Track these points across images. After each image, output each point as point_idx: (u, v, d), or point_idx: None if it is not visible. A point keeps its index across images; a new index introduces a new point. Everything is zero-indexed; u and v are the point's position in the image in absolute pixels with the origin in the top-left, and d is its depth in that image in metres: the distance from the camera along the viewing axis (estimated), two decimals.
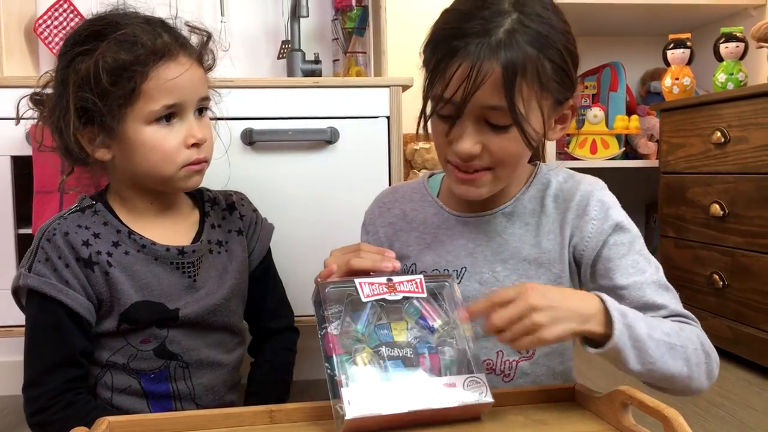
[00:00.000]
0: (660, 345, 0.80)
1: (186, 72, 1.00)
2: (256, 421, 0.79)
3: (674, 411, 0.69)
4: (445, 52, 0.84)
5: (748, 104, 1.87)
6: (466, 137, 0.86)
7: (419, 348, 0.79)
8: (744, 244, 1.90)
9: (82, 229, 1.01)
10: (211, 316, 1.07)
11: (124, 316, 1.01)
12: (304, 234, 1.57)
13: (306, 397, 0.90)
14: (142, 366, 1.03)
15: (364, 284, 0.80)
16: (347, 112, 1.60)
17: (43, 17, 1.91)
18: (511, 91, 0.81)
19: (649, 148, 2.49)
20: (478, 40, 0.82)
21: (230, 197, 1.18)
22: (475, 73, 0.81)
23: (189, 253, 1.06)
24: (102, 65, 0.94)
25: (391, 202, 1.08)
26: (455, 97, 0.83)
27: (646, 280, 0.90)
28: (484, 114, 0.85)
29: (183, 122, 1.01)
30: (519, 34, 0.82)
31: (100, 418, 0.75)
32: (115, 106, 0.96)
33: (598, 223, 0.93)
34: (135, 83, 0.96)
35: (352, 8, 1.97)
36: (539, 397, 0.85)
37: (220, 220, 1.14)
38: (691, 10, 2.40)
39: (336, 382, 0.73)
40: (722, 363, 1.91)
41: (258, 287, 1.18)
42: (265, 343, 1.20)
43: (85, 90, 0.95)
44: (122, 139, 0.99)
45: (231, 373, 1.12)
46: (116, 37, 0.96)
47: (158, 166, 1.00)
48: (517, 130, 0.84)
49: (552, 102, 0.88)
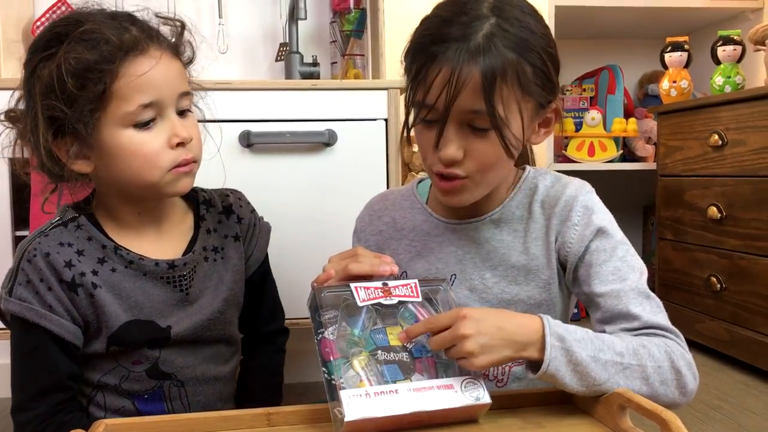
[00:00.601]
0: (608, 366, 0.79)
1: (158, 64, 0.90)
2: (254, 424, 0.79)
3: (672, 414, 0.69)
4: (425, 59, 0.85)
5: (746, 107, 1.88)
6: (449, 143, 0.86)
7: (415, 352, 0.79)
8: (742, 246, 1.90)
9: (65, 248, 0.94)
10: (205, 332, 1.02)
11: (113, 338, 0.95)
12: (301, 236, 1.57)
13: (304, 400, 0.90)
14: (134, 387, 0.98)
15: (360, 289, 0.80)
16: (345, 115, 1.60)
17: (40, 19, 1.91)
18: (490, 95, 0.82)
19: (646, 151, 2.49)
20: (457, 45, 0.82)
21: (227, 198, 1.10)
22: (456, 78, 0.81)
23: (180, 266, 0.99)
24: (65, 68, 0.86)
25: (382, 209, 1.08)
26: (437, 103, 0.84)
27: (624, 287, 0.88)
28: (466, 118, 0.85)
29: (164, 121, 0.92)
30: (498, 38, 0.83)
31: (97, 421, 0.74)
32: (86, 112, 0.87)
33: (580, 229, 0.92)
34: (104, 84, 0.87)
35: (350, 11, 1.97)
36: (536, 399, 0.85)
37: (216, 224, 1.07)
38: (688, 13, 2.40)
39: (334, 385, 0.74)
40: (719, 366, 1.93)
41: (254, 292, 1.13)
42: (257, 345, 1.16)
43: (51, 97, 0.87)
44: (100, 147, 0.90)
45: (227, 384, 1.08)
46: (77, 35, 0.87)
47: (142, 172, 0.91)
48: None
49: (534, 105, 0.88)
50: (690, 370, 0.84)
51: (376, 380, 0.75)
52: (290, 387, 1.63)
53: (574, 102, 2.55)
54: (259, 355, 1.16)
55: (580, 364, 0.78)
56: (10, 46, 1.81)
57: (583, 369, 0.78)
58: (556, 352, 0.77)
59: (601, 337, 0.82)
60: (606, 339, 0.82)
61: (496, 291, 0.96)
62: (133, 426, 0.77)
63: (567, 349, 0.78)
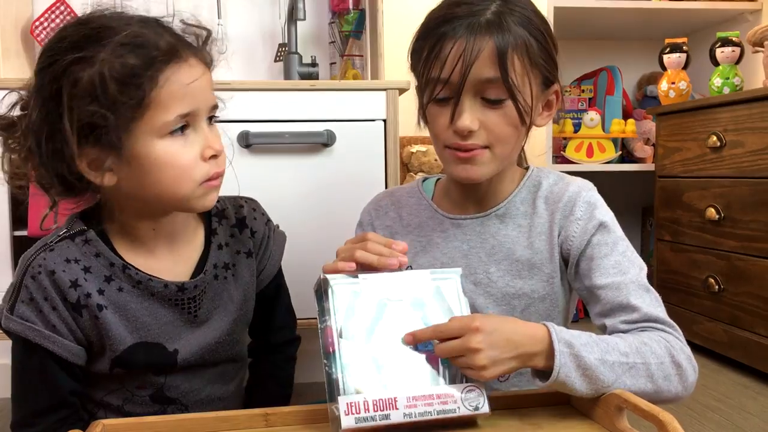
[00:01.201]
0: (615, 367, 0.80)
1: (195, 72, 0.87)
2: (251, 425, 0.79)
3: (669, 415, 0.69)
4: (437, 38, 0.89)
5: (744, 108, 1.88)
6: (464, 114, 0.89)
7: (420, 347, 0.78)
8: (739, 248, 1.90)
9: (71, 265, 0.89)
10: (212, 355, 0.99)
11: (118, 360, 0.92)
12: (300, 237, 1.56)
13: (302, 401, 0.90)
14: (137, 410, 0.96)
15: (368, 279, 0.80)
16: (344, 115, 1.60)
17: (39, 19, 1.91)
18: (504, 62, 0.87)
19: (645, 152, 2.49)
20: (468, 20, 0.88)
21: (241, 209, 1.05)
22: (471, 47, 0.86)
23: (190, 289, 0.95)
24: (109, 73, 0.81)
25: (388, 205, 1.10)
26: (452, 76, 0.88)
27: (624, 280, 0.90)
28: (480, 90, 0.89)
29: (197, 133, 0.88)
30: (506, 14, 0.89)
31: (95, 422, 0.74)
32: (125, 120, 0.82)
33: (582, 223, 0.95)
34: (144, 91, 0.82)
35: (349, 11, 1.97)
36: (534, 400, 0.85)
37: (228, 237, 1.02)
38: (687, 15, 2.41)
39: (334, 381, 0.73)
40: (717, 367, 1.93)
41: (266, 305, 1.09)
42: (268, 355, 1.12)
43: (89, 103, 0.81)
44: (131, 158, 0.85)
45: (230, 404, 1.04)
46: (119, 40, 0.82)
47: (174, 185, 0.87)
48: (512, 104, 0.89)
49: (540, 81, 0.93)
50: (690, 363, 0.85)
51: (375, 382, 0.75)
52: None
53: (573, 103, 2.56)
54: (269, 365, 1.12)
55: (589, 368, 0.78)
56: (9, 45, 1.81)
57: (591, 372, 0.78)
58: (565, 358, 0.78)
59: (605, 339, 0.83)
60: (610, 341, 0.82)
61: (500, 285, 0.97)
62: (131, 426, 0.77)
63: (575, 355, 0.78)
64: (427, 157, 2.09)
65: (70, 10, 1.93)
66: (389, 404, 0.73)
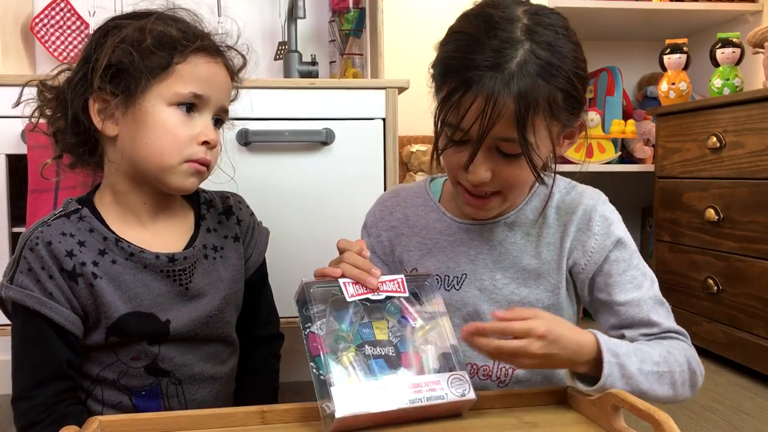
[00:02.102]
0: (649, 376, 0.84)
1: (221, 72, 1.00)
2: (247, 422, 0.79)
3: (665, 415, 0.69)
4: (458, 84, 0.84)
5: (744, 109, 1.88)
6: (478, 165, 0.87)
7: (401, 347, 0.80)
8: (739, 249, 1.90)
9: (67, 237, 0.95)
10: (204, 329, 1.02)
11: (112, 328, 0.96)
12: (299, 235, 1.57)
13: (298, 399, 0.90)
14: (132, 383, 0.99)
15: (348, 284, 0.82)
16: (343, 114, 1.60)
17: (39, 16, 1.91)
18: (523, 126, 0.82)
19: (645, 153, 2.49)
20: (492, 74, 0.81)
21: (227, 200, 1.12)
22: (491, 108, 0.81)
23: (180, 260, 1.00)
24: (149, 30, 0.94)
25: (393, 205, 1.08)
26: (471, 130, 0.84)
27: (642, 296, 0.93)
28: (496, 144, 0.86)
29: (201, 119, 0.98)
30: (531, 65, 0.82)
31: (91, 418, 0.74)
32: (147, 71, 0.93)
33: (600, 239, 0.95)
34: (172, 60, 0.94)
35: (349, 10, 1.97)
36: (531, 399, 0.85)
37: (216, 224, 1.09)
38: (687, 16, 2.41)
39: (323, 381, 0.75)
40: (716, 368, 1.93)
41: (253, 295, 1.14)
42: (254, 349, 1.16)
43: (127, 46, 0.93)
44: (137, 112, 0.94)
45: (224, 385, 1.08)
46: (169, 14, 0.98)
47: (163, 152, 0.95)
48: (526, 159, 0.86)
49: (561, 124, 0.89)
50: (699, 368, 0.91)
51: (364, 375, 0.76)
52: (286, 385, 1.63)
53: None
54: (257, 358, 1.16)
55: (632, 378, 0.82)
56: (9, 42, 1.81)
57: (633, 381, 0.82)
58: (612, 368, 0.80)
59: (640, 348, 0.86)
60: (644, 350, 0.86)
61: (505, 292, 0.97)
62: (128, 422, 0.77)
63: (621, 364, 0.81)
64: (426, 156, 2.09)
65: (71, 6, 1.93)
66: (380, 393, 0.75)
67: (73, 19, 1.94)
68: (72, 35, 1.93)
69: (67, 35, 1.93)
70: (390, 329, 0.81)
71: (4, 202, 1.50)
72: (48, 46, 1.92)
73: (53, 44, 1.92)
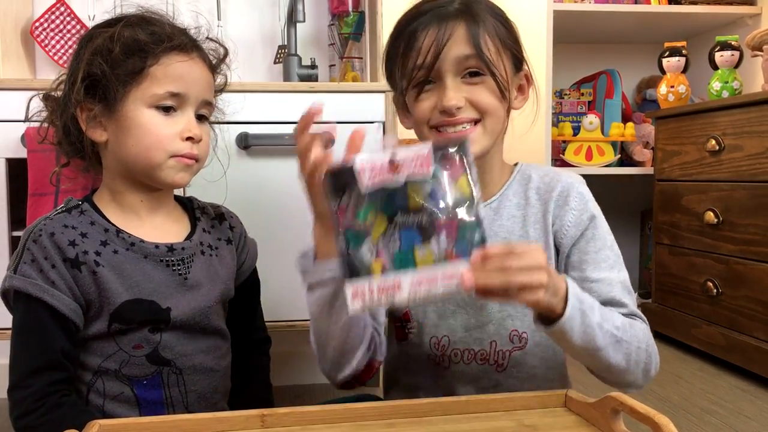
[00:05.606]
0: (607, 336, 0.85)
1: (196, 67, 1.02)
2: (247, 426, 0.79)
3: (665, 418, 0.69)
4: (409, 34, 0.94)
5: (743, 112, 1.88)
6: (449, 91, 0.92)
7: (440, 212, 0.75)
8: (738, 251, 1.90)
9: (69, 229, 0.99)
10: (203, 319, 1.05)
11: (115, 315, 0.99)
12: (297, 239, 1.56)
13: (298, 402, 0.90)
14: (134, 372, 1.01)
15: (365, 169, 0.76)
16: (343, 118, 1.59)
17: (39, 20, 1.91)
18: (477, 40, 0.91)
19: (644, 156, 2.50)
20: (437, 11, 0.93)
21: (218, 208, 1.17)
22: (443, 32, 0.91)
23: (179, 251, 1.04)
24: (117, 38, 0.97)
25: None
26: (428, 58, 0.91)
27: (615, 278, 0.96)
28: (460, 68, 0.92)
29: (183, 116, 1.01)
30: (472, 4, 0.94)
31: (91, 422, 0.74)
32: (121, 80, 0.97)
33: (577, 213, 0.98)
34: (145, 63, 0.97)
35: (349, 14, 1.97)
36: (530, 402, 0.85)
37: (210, 227, 1.13)
38: (686, 19, 2.41)
39: (347, 261, 0.74)
40: (715, 370, 1.93)
41: (247, 300, 1.18)
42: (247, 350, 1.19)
43: (98, 57, 0.97)
44: (120, 118, 0.99)
45: (223, 379, 1.11)
46: (136, 19, 1.01)
47: (149, 151, 0.98)
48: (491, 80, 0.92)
49: (511, 62, 0.96)
50: (655, 358, 0.93)
51: (390, 254, 0.74)
52: (285, 389, 1.63)
53: (572, 106, 2.56)
54: (251, 357, 1.20)
55: (590, 327, 0.83)
56: (9, 46, 1.81)
57: (590, 332, 0.83)
58: (574, 311, 0.81)
59: (605, 309, 0.88)
60: (609, 312, 0.88)
61: None
62: (127, 426, 0.77)
63: (583, 311, 0.82)
64: None
65: (71, 11, 1.94)
66: (394, 287, 0.74)
67: (73, 23, 1.94)
68: (72, 39, 1.93)
69: (67, 39, 1.94)
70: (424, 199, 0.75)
71: (4, 206, 1.50)
72: (48, 50, 1.92)
73: (53, 48, 1.92)
